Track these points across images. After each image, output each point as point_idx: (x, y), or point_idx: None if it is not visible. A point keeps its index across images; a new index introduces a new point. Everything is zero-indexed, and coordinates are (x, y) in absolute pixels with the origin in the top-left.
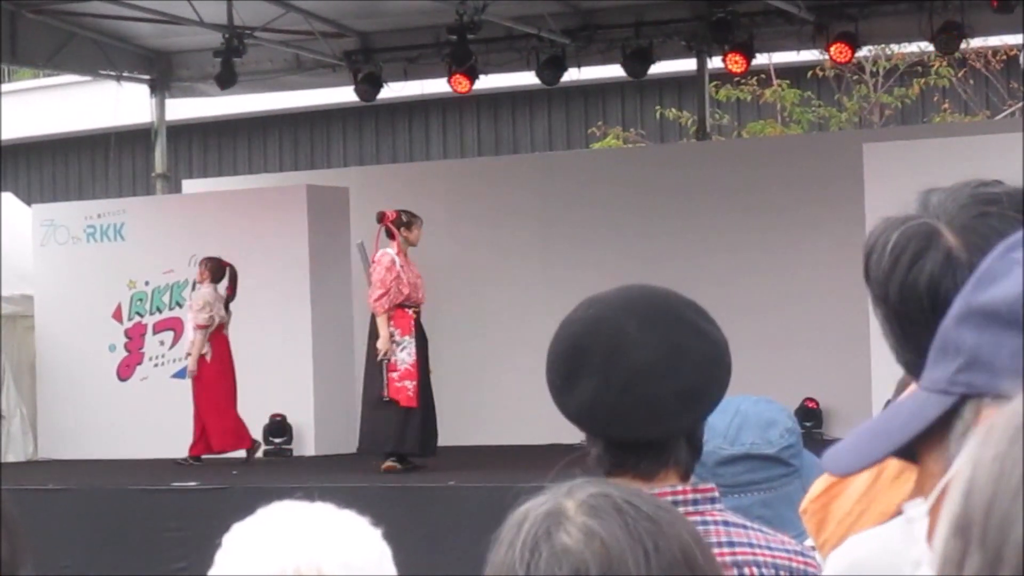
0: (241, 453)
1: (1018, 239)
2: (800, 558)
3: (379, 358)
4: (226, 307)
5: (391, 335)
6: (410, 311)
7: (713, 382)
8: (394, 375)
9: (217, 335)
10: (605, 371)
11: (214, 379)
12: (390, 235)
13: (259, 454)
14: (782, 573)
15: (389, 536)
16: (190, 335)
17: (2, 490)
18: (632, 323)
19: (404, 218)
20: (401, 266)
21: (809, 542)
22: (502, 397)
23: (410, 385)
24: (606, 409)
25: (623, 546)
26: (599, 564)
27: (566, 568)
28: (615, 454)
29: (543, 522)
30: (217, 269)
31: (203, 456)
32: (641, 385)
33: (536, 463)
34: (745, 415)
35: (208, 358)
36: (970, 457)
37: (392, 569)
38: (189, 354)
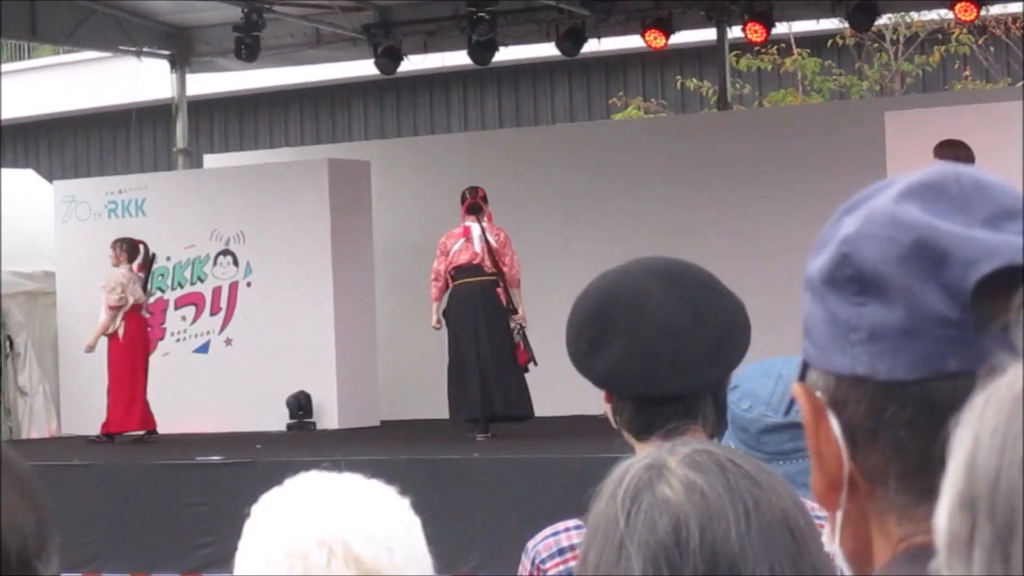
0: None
1: (852, 202)
2: None
3: (524, 326)
4: (144, 288)
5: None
6: None
7: (737, 337)
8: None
9: (132, 315)
10: (632, 330)
11: (121, 357)
12: (478, 210)
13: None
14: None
15: (414, 508)
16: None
17: (28, 466)
18: (653, 284)
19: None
20: None
21: None
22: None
23: None
24: (636, 367)
25: (723, 501)
26: (699, 517)
27: (666, 519)
28: (644, 413)
29: (644, 474)
30: (132, 249)
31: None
32: (668, 341)
33: (561, 434)
34: (788, 381)
35: (120, 337)
36: (968, 432)
37: (421, 540)
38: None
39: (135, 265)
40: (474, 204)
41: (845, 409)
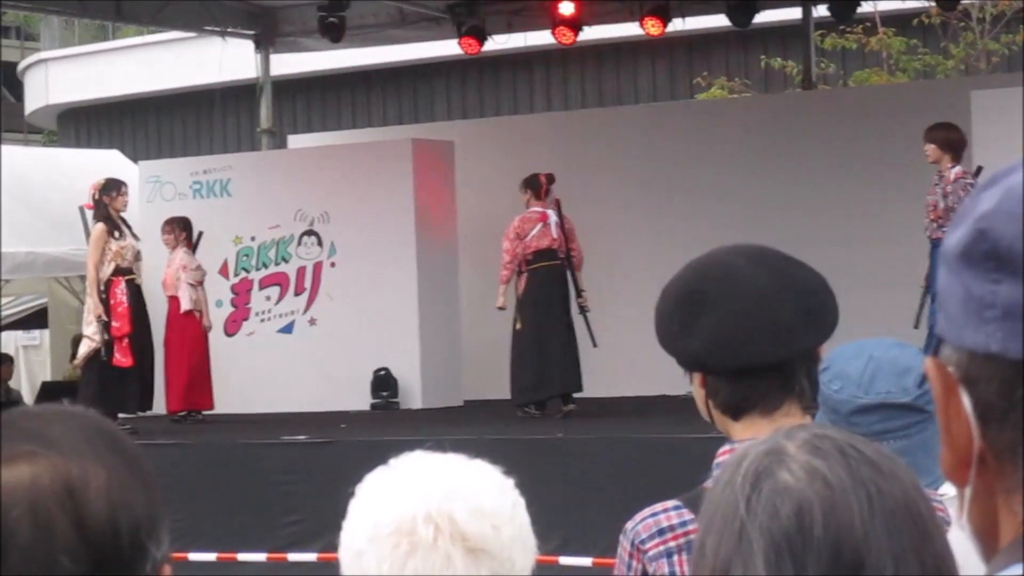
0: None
1: (991, 177)
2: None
3: (588, 309)
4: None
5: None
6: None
7: (828, 303)
8: None
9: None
10: (725, 302)
11: (201, 335)
12: (548, 195)
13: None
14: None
15: None
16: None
17: (136, 444)
18: (740, 260)
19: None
20: None
21: (943, 489)
22: (609, 349)
23: None
24: (732, 338)
25: (846, 487)
26: (822, 503)
27: (788, 506)
28: (742, 387)
29: (763, 459)
30: (188, 228)
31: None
32: (762, 309)
33: (644, 414)
34: (879, 362)
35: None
36: None
37: (527, 519)
38: (201, 311)
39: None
40: (549, 190)
41: (977, 386)
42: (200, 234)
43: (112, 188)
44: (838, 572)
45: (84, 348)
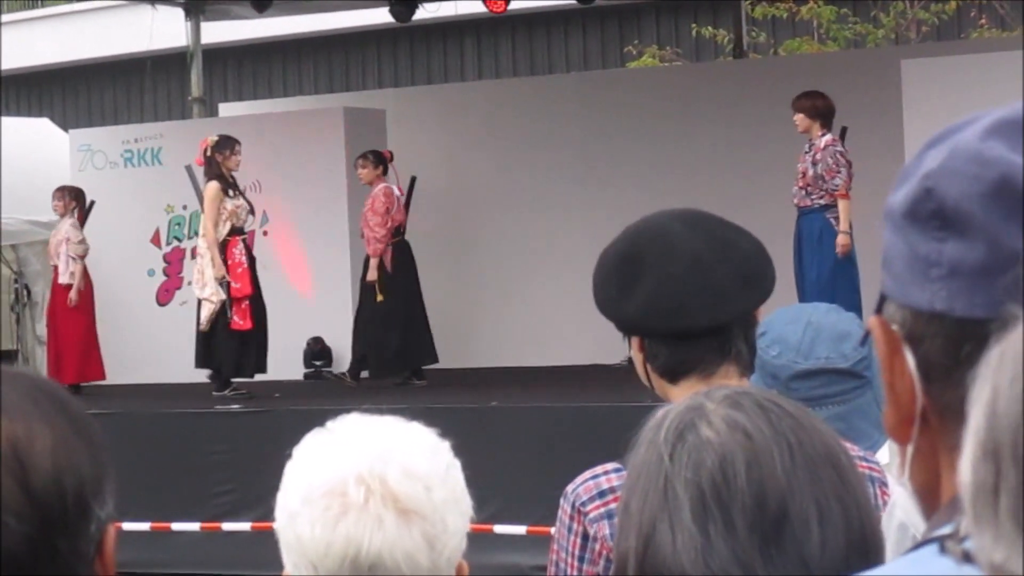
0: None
1: (936, 136)
2: (865, 463)
3: None
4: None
5: None
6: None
7: (764, 268)
8: None
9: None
10: (662, 266)
11: (87, 308)
12: (386, 170)
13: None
14: None
15: None
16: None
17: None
18: (676, 224)
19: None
20: None
21: (881, 455)
22: (542, 318)
23: None
24: (668, 302)
25: (767, 438)
26: (744, 454)
27: (712, 458)
28: (680, 351)
29: (685, 415)
30: (80, 197)
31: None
32: (699, 272)
33: (578, 383)
34: (818, 327)
35: (82, 288)
36: (987, 383)
37: (461, 481)
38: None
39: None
40: (392, 166)
41: (921, 344)
42: (91, 204)
43: (225, 146)
44: (763, 520)
45: (206, 311)
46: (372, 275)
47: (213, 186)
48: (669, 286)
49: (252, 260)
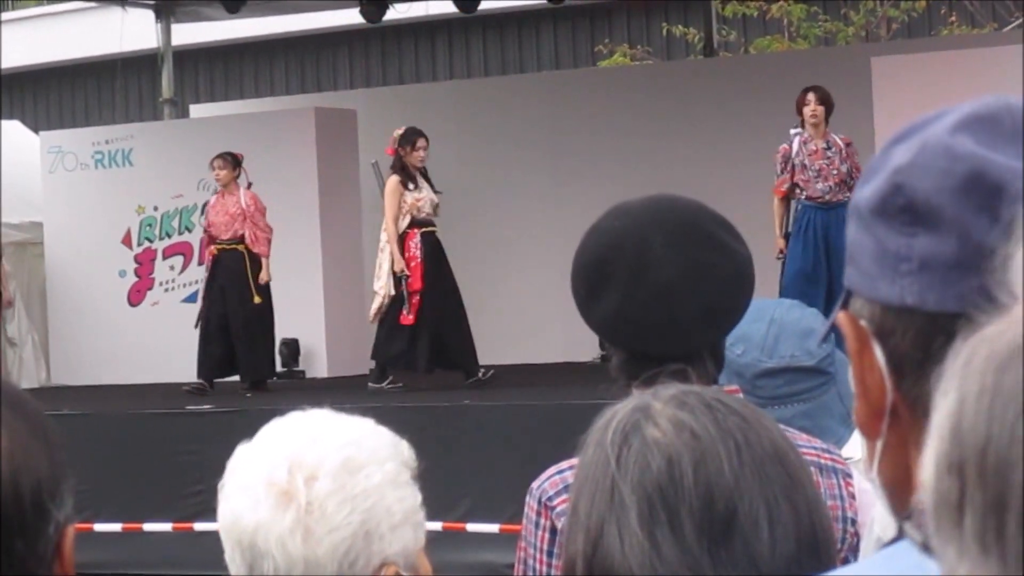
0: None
1: (903, 131)
2: (828, 455)
3: None
4: None
5: None
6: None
7: (737, 299)
8: None
9: None
10: (630, 286)
11: None
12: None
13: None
14: (811, 468)
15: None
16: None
17: (41, 408)
18: (658, 239)
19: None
20: None
21: (847, 451)
22: (514, 316)
23: None
24: (629, 324)
25: (714, 437)
26: (691, 454)
27: (658, 459)
28: (636, 366)
29: (631, 417)
30: None
31: None
32: (665, 302)
33: (550, 380)
34: (782, 324)
35: None
36: (953, 391)
37: (401, 466)
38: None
39: None
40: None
41: (891, 338)
42: None
43: (407, 141)
44: (711, 522)
45: (375, 304)
46: (266, 276)
47: (392, 180)
48: (631, 310)
49: (435, 252)
